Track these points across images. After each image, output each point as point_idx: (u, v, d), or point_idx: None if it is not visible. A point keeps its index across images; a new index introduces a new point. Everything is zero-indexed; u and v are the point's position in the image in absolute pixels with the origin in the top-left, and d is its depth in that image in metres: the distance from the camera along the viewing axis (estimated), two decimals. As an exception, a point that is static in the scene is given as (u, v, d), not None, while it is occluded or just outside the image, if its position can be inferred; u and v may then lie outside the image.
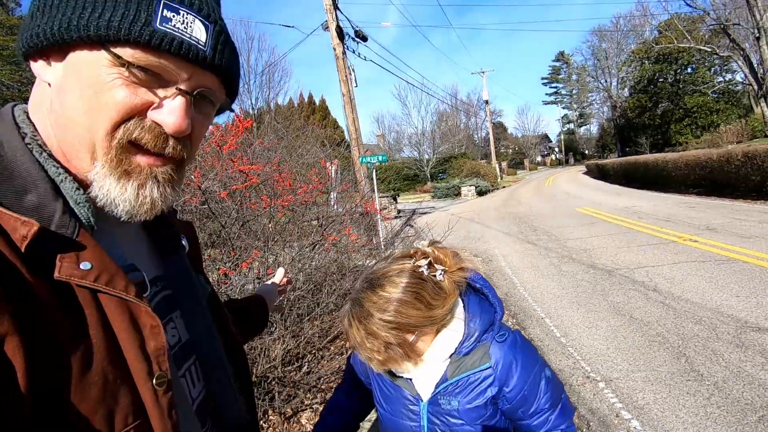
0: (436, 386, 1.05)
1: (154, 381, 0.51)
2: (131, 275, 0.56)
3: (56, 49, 0.52)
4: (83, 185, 0.54)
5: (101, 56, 0.50)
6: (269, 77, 26.55)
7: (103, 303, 0.50)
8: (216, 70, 0.57)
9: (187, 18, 0.53)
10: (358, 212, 6.20)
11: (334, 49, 10.77)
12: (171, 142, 0.55)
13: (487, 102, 42.34)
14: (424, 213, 17.03)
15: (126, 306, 0.52)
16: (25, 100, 0.59)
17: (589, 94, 63.85)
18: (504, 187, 30.42)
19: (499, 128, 64.62)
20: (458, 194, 25.24)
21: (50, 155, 0.53)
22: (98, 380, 0.47)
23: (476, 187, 24.94)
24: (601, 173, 25.65)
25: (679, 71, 39.65)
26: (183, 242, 0.73)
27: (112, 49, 0.49)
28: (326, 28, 10.83)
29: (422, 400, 1.07)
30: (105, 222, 0.56)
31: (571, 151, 72.40)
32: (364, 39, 11.54)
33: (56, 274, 0.47)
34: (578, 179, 27.74)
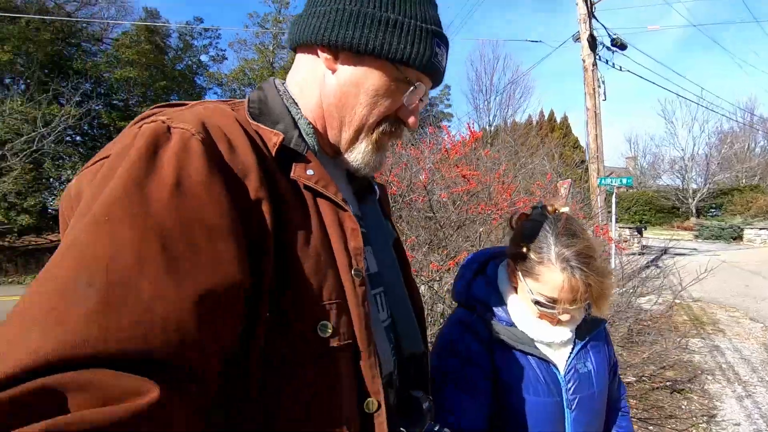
0: (572, 350, 1.04)
1: (353, 272, 0.66)
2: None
3: (353, 53, 0.71)
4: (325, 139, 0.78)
5: (390, 71, 0.72)
6: (510, 94, 26.69)
7: (319, 204, 0.68)
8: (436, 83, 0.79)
9: (442, 51, 0.76)
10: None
11: (583, 61, 9.97)
12: (404, 130, 0.80)
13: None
14: (680, 254, 13.62)
15: (335, 209, 0.69)
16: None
17: None
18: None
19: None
20: (738, 238, 19.24)
21: (293, 102, 0.76)
22: (314, 255, 0.63)
23: (771, 232, 18.42)
24: None
25: None
26: (375, 188, 0.90)
27: (400, 68, 0.72)
28: (577, 39, 10.14)
29: (559, 371, 1.02)
30: (326, 162, 0.76)
31: None
32: (623, 47, 10.25)
33: (291, 174, 0.66)
34: None
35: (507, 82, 26.19)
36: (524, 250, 1.00)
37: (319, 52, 0.73)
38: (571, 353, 1.05)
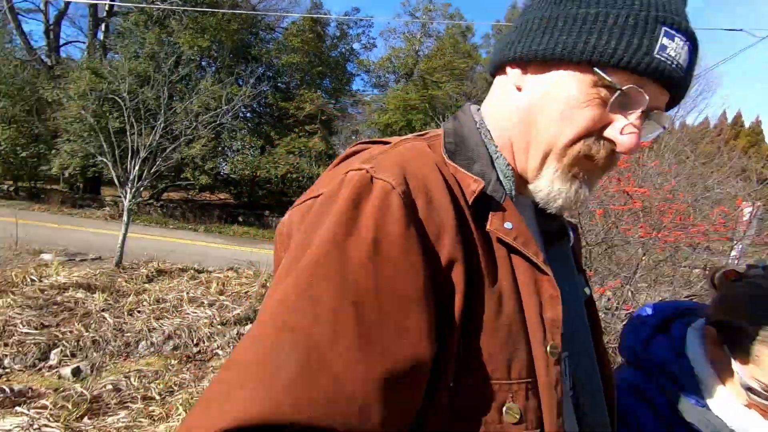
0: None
1: (548, 348, 0.56)
2: None
3: (539, 62, 0.60)
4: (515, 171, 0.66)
5: (586, 76, 0.56)
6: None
7: (514, 262, 0.58)
8: (675, 91, 0.57)
9: (679, 44, 0.54)
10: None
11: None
12: (615, 156, 0.61)
13: None
14: None
15: (532, 271, 0.58)
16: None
17: None
18: None
19: None
20: None
21: (491, 137, 0.67)
22: (506, 326, 0.54)
23: None
24: None
25: None
26: (569, 233, 0.75)
27: (601, 72, 0.54)
28: (799, 27, 7.99)
29: None
30: (519, 205, 0.65)
31: None
32: None
33: (488, 227, 0.58)
34: None
35: (683, 77, 22.06)
36: (738, 320, 0.80)
37: (508, 69, 0.65)
38: None
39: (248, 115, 20.30)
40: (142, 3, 16.39)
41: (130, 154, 7.94)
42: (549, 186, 0.62)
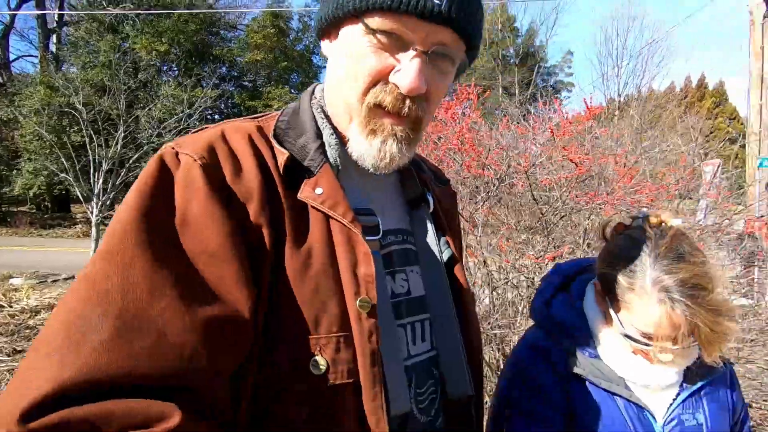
0: (677, 396, 0.86)
1: (358, 302, 0.58)
2: (367, 218, 0.66)
3: (333, 28, 0.65)
4: (343, 139, 0.68)
5: (358, 28, 0.60)
6: (647, 58, 23.03)
7: (331, 225, 0.61)
8: (451, 24, 0.59)
9: None
10: (736, 233, 4.62)
11: (751, 13, 8.07)
12: (407, 102, 0.61)
13: None
14: None
15: (347, 230, 0.61)
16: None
17: None
18: None
19: None
20: None
21: (324, 111, 0.70)
22: (313, 283, 0.57)
23: None
24: None
25: None
26: (429, 200, 0.78)
27: (364, 20, 0.58)
28: (744, -15, 8.22)
29: (656, 420, 0.85)
30: (358, 172, 0.68)
31: None
32: (813, -10, 8.02)
33: (299, 195, 0.61)
34: None
35: (644, 44, 22.57)
36: (613, 271, 0.84)
37: (321, 43, 0.70)
38: (674, 400, 0.86)
39: (216, 116, 19.93)
40: (92, 10, 15.79)
41: (92, 168, 7.73)
42: (357, 147, 0.65)
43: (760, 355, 2.77)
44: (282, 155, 0.62)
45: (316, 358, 0.55)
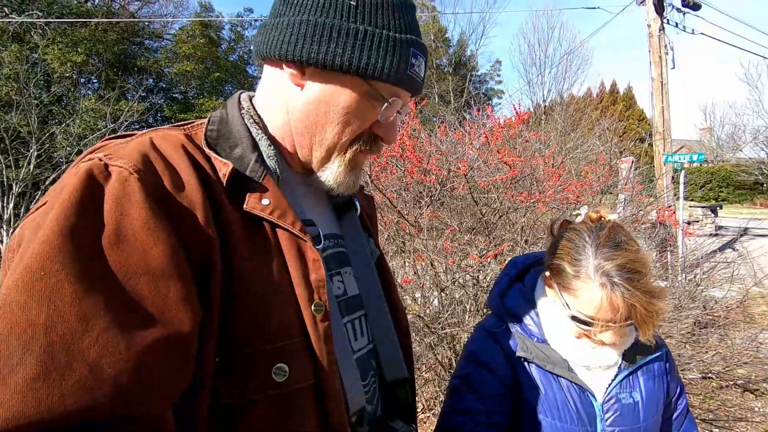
0: (615, 377, 0.94)
1: (312, 307, 0.61)
2: (309, 228, 0.68)
3: (319, 68, 0.66)
4: (284, 152, 0.73)
5: (362, 87, 0.68)
6: (566, 66, 25.01)
7: (279, 235, 0.63)
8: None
9: (420, 61, 0.71)
10: (650, 222, 5.14)
11: (649, 26, 9.07)
12: (380, 145, 0.76)
13: None
14: (764, 235, 12.25)
15: (295, 240, 0.64)
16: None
17: None
18: None
19: None
20: (837, 216, 16.94)
21: (256, 122, 0.71)
22: (265, 292, 0.58)
23: None
24: None
25: None
26: (356, 205, 0.84)
27: (373, 84, 0.68)
28: (641, 2, 9.23)
29: (596, 399, 0.93)
30: (295, 183, 0.73)
31: None
32: (696, 7, 9.19)
33: (245, 206, 0.61)
34: None
35: (563, 54, 24.51)
36: (560, 261, 0.92)
37: (284, 66, 0.68)
38: (613, 380, 0.95)
39: (145, 130, 18.72)
40: (-8, 17, 14.26)
41: (0, 191, 6.95)
42: (334, 178, 0.73)
43: (677, 330, 3.10)
44: (225, 166, 0.62)
45: (279, 365, 0.57)
